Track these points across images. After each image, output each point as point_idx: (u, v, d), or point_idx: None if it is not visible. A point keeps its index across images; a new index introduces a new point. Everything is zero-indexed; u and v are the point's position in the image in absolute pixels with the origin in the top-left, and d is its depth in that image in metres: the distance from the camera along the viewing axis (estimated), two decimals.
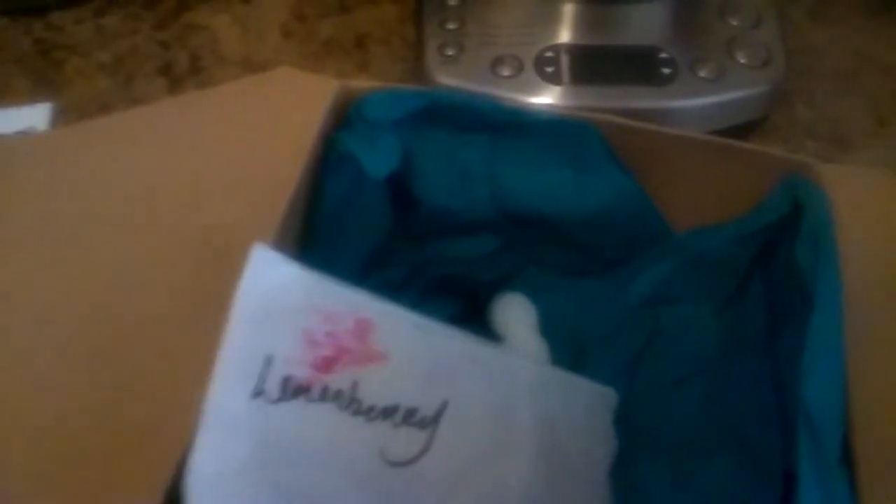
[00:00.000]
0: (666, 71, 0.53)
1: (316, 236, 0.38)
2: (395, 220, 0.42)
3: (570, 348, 0.43)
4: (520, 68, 0.53)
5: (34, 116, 0.57)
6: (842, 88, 0.60)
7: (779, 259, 0.39)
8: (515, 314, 0.43)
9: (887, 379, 0.32)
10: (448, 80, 0.53)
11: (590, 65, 0.53)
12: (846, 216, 0.37)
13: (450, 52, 0.53)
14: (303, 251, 0.37)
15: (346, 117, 0.38)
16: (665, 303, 0.43)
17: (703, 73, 0.53)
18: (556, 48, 0.53)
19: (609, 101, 0.52)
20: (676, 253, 0.42)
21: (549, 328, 0.43)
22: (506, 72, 0.53)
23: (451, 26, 0.54)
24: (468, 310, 0.44)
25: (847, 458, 0.30)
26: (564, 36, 0.54)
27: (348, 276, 0.40)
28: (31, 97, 0.59)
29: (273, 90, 0.39)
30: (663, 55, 0.53)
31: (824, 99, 0.60)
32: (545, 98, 0.52)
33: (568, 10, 0.55)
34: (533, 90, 0.53)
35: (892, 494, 0.29)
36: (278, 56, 0.61)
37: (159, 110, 0.39)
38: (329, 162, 0.37)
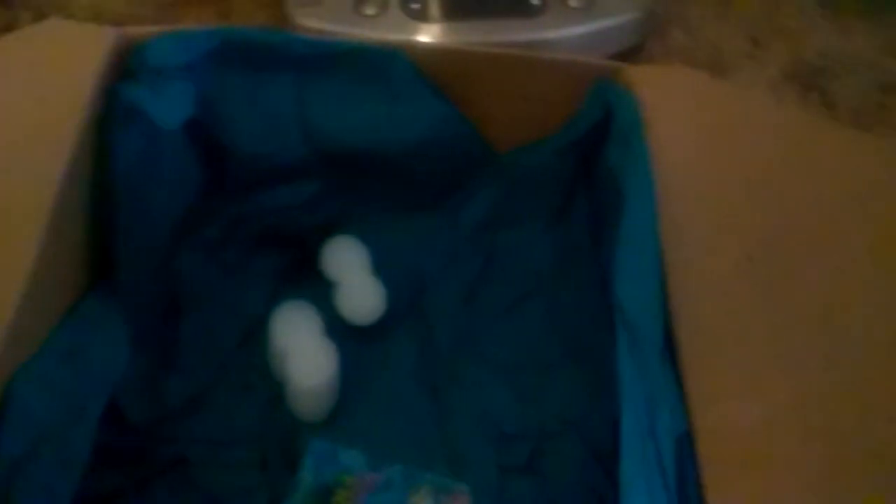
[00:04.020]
0: (536, 2, 0.52)
1: (116, 200, 0.35)
2: (205, 173, 0.39)
3: (407, 284, 0.42)
4: (384, 6, 0.51)
5: None
6: (716, 12, 0.61)
7: (597, 167, 0.40)
8: (346, 257, 0.42)
9: (704, 270, 0.33)
10: (309, 22, 0.51)
11: None
12: (655, 113, 0.37)
13: None
14: (106, 218, 0.34)
15: (128, 67, 0.35)
16: (497, 226, 0.43)
17: (573, 3, 0.53)
18: None
19: (479, 36, 0.51)
20: (501, 175, 0.42)
21: (385, 267, 0.42)
22: (370, 10, 0.51)
23: None
24: (297, 260, 0.42)
25: (671, 348, 0.30)
26: None
27: (162, 240, 0.38)
28: None
29: (40, 45, 0.36)
30: None
31: (700, 24, 0.61)
32: (413, 36, 0.51)
33: None
34: (399, 29, 0.51)
35: (714, 381, 0.29)
36: (132, 9, 0.56)
37: None
38: (114, 117, 0.34)
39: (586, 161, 0.41)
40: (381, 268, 0.42)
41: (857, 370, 0.29)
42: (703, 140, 0.37)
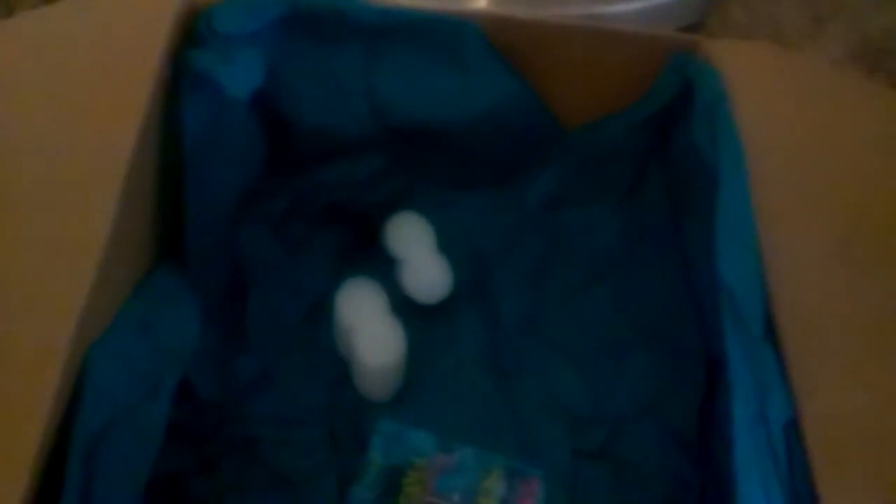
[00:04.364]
0: None
1: (185, 170, 0.34)
2: (269, 146, 0.38)
3: (471, 264, 0.41)
4: None
5: None
6: None
7: (675, 142, 0.38)
8: (411, 234, 0.41)
9: (800, 251, 0.32)
10: None
11: None
12: (739, 88, 0.36)
13: None
14: (174, 189, 0.34)
15: (195, 33, 0.34)
16: (564, 204, 0.42)
17: None
18: None
19: (535, 8, 0.50)
20: (571, 151, 0.41)
21: (448, 245, 0.41)
22: None
23: None
24: (359, 237, 0.41)
25: (770, 331, 0.29)
26: None
27: (227, 213, 0.37)
28: None
29: (104, 10, 0.35)
30: None
31: (760, 1, 0.59)
32: (469, 3, 0.50)
33: None
34: None
35: (820, 365, 0.28)
36: None
37: None
38: (182, 85, 0.33)
39: (662, 137, 0.40)
40: (446, 246, 0.41)
41: None
42: (789, 116, 0.36)
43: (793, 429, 0.26)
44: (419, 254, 0.40)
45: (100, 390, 0.27)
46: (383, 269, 0.40)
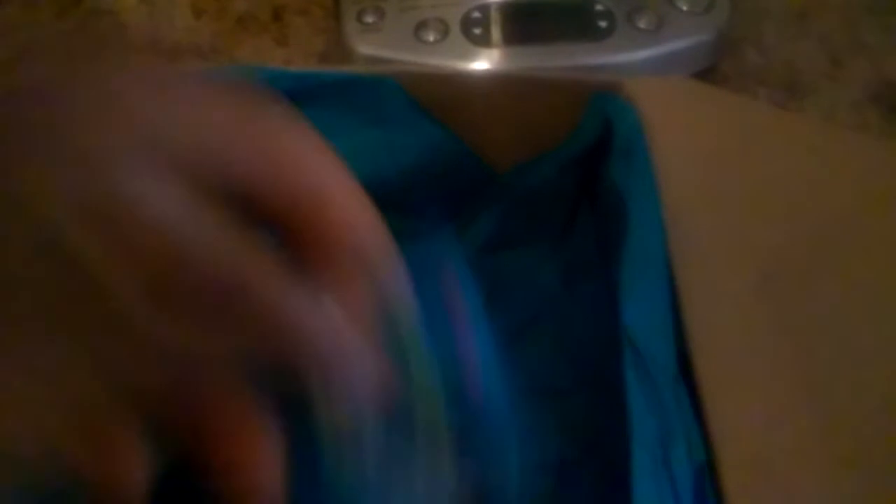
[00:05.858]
0: (602, 24, 0.51)
1: None
2: None
3: None
4: (445, 32, 0.51)
5: None
6: (792, 31, 0.59)
7: (600, 182, 0.39)
8: None
9: (719, 291, 0.32)
10: (369, 49, 0.51)
11: (521, 23, 0.52)
12: (659, 125, 0.36)
13: (369, 19, 0.51)
14: None
15: None
16: (500, 248, 0.42)
17: (642, 24, 0.52)
18: (484, 7, 0.52)
19: (544, 61, 0.51)
20: (502, 195, 0.42)
21: None
22: (431, 37, 0.51)
23: None
24: None
25: (687, 374, 0.29)
26: None
27: None
28: None
29: None
30: (599, 7, 0.52)
31: (775, 43, 0.58)
32: (475, 63, 0.51)
33: None
34: (461, 55, 0.51)
35: (736, 408, 0.28)
36: (190, 37, 0.59)
37: None
38: None
39: (589, 177, 0.40)
40: None
41: (889, 395, 0.28)
42: (712, 153, 0.36)
43: (706, 474, 0.26)
44: None
45: None
46: None
